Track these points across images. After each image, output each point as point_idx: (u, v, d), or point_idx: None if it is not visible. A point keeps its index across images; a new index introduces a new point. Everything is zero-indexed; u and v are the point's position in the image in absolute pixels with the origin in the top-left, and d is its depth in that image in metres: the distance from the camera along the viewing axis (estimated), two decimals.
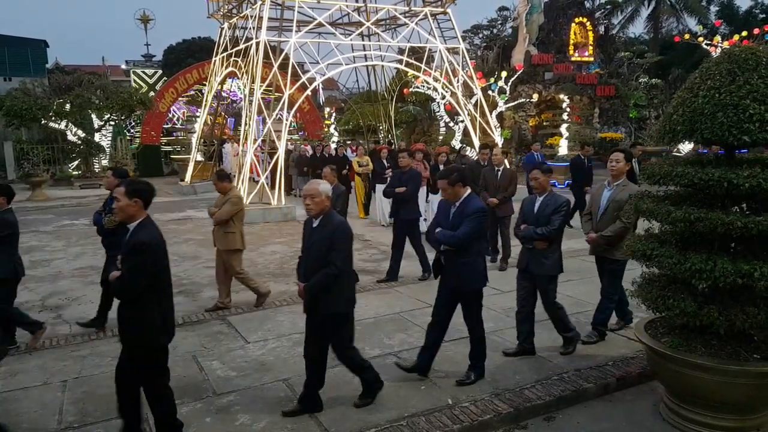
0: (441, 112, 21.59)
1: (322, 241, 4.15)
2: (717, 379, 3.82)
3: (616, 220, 5.31)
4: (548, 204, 5.15)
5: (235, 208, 6.65)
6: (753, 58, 3.78)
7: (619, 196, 5.35)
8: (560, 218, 5.05)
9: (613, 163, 5.49)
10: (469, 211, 4.56)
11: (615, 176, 5.51)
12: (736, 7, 38.37)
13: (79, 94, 20.61)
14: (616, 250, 5.38)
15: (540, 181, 5.22)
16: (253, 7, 15.94)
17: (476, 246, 4.66)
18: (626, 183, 5.46)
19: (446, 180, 4.64)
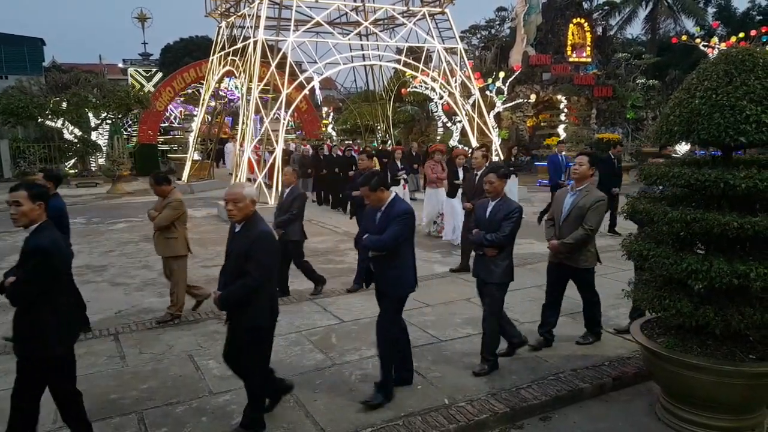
0: (439, 112, 21.61)
1: (240, 249, 3.87)
2: (712, 380, 3.83)
3: (578, 227, 5.13)
4: (500, 209, 4.88)
5: (175, 212, 6.26)
6: (750, 59, 3.79)
7: (582, 201, 5.16)
8: (510, 224, 4.78)
9: (576, 166, 5.30)
10: (394, 214, 4.35)
11: (578, 180, 5.30)
12: (734, 8, 38.48)
13: (76, 92, 20.55)
14: (581, 258, 5.23)
15: (494, 185, 4.93)
16: (251, 6, 15.92)
17: (405, 250, 4.42)
18: (590, 188, 5.25)
19: (367, 186, 4.41)
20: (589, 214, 5.09)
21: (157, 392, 4.64)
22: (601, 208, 5.15)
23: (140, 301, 7.23)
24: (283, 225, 7.02)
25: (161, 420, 4.20)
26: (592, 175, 5.35)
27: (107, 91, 21.27)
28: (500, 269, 4.87)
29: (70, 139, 21.91)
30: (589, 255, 5.28)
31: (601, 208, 5.15)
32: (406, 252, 4.45)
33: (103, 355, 5.47)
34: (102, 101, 21.00)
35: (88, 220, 13.52)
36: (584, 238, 5.12)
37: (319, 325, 6.20)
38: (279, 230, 6.92)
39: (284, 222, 7.03)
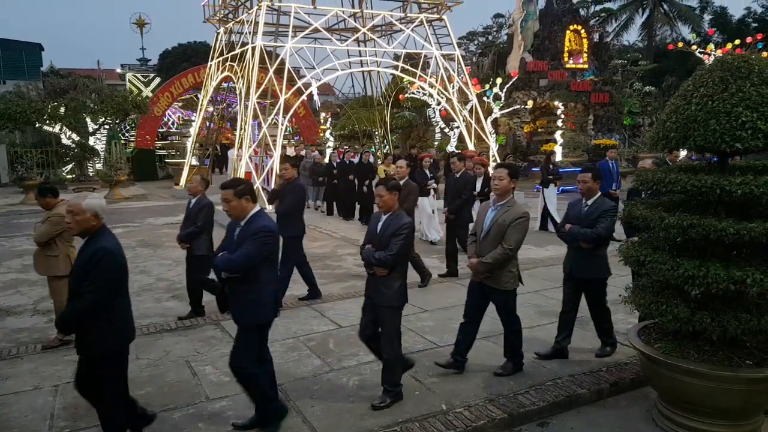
0: (436, 117, 21.67)
1: (79, 268, 3.58)
2: (709, 385, 3.83)
3: (498, 245, 4.69)
4: (389, 225, 4.40)
5: (54, 228, 5.66)
6: (746, 66, 3.81)
7: (503, 217, 4.72)
8: (399, 242, 4.30)
9: (497, 181, 4.82)
10: (251, 232, 3.85)
11: (499, 195, 4.84)
12: (730, 15, 38.73)
13: (74, 97, 20.55)
14: (502, 279, 4.78)
15: (384, 200, 4.44)
16: (249, 12, 15.97)
17: (264, 273, 3.90)
18: (512, 203, 4.80)
19: (231, 190, 3.88)
20: (509, 231, 4.66)
21: (153, 398, 4.62)
22: (522, 225, 4.69)
23: (137, 307, 7.15)
24: (187, 239, 6.56)
25: (158, 426, 4.19)
26: (514, 188, 4.91)
27: (105, 96, 21.28)
28: (391, 291, 4.38)
29: (67, 144, 21.90)
30: (510, 276, 4.81)
31: (522, 226, 4.69)
32: (265, 275, 3.92)
33: None
34: (100, 106, 21.00)
35: None
36: (503, 258, 4.66)
37: (317, 331, 6.19)
38: (183, 244, 6.61)
39: (188, 235, 6.54)
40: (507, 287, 4.82)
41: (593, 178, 5.22)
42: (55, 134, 21.87)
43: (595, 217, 5.09)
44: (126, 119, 24.37)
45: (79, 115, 21.24)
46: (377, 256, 4.34)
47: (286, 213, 7.05)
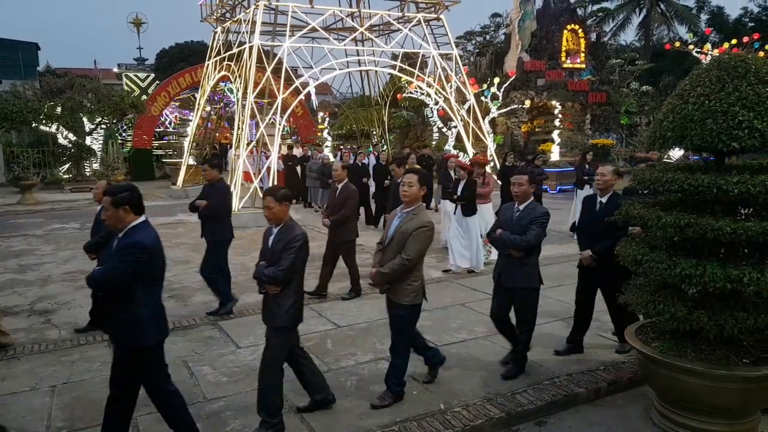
0: (434, 117, 21.67)
1: None
2: (707, 384, 3.84)
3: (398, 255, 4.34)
4: (281, 238, 4.04)
5: None
6: (742, 65, 3.82)
7: (406, 226, 4.38)
8: (290, 256, 3.94)
9: (405, 187, 4.47)
10: (120, 246, 3.56)
11: (407, 202, 4.50)
12: (726, 15, 38.80)
13: (71, 97, 20.49)
14: (402, 292, 4.38)
15: (274, 211, 4.07)
16: (247, 12, 15.95)
17: (138, 293, 3.54)
18: (418, 211, 4.44)
19: (110, 198, 3.59)
20: (410, 241, 4.29)
21: None
22: (423, 235, 4.32)
23: None
24: (90, 248, 6.07)
25: (155, 426, 4.18)
26: (424, 194, 4.61)
27: (102, 95, 21.22)
28: (282, 310, 4.01)
29: (64, 143, 21.85)
30: (411, 289, 4.40)
31: (423, 236, 4.32)
32: (141, 294, 3.56)
33: (97, 360, 5.44)
34: (97, 106, 20.95)
35: (82, 225, 13.46)
36: (401, 268, 4.29)
37: (315, 331, 6.19)
38: (91, 255, 6.05)
39: (92, 245, 6.05)
40: (406, 302, 4.39)
41: (529, 181, 4.92)
42: (52, 134, 21.82)
43: (525, 223, 4.78)
44: (123, 119, 24.32)
45: (76, 114, 21.19)
46: (267, 272, 3.98)
47: (210, 216, 6.64)
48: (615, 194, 5.21)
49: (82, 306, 7.25)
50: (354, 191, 7.35)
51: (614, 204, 4.99)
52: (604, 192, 5.24)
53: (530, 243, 4.72)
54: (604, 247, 4.94)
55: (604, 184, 5.22)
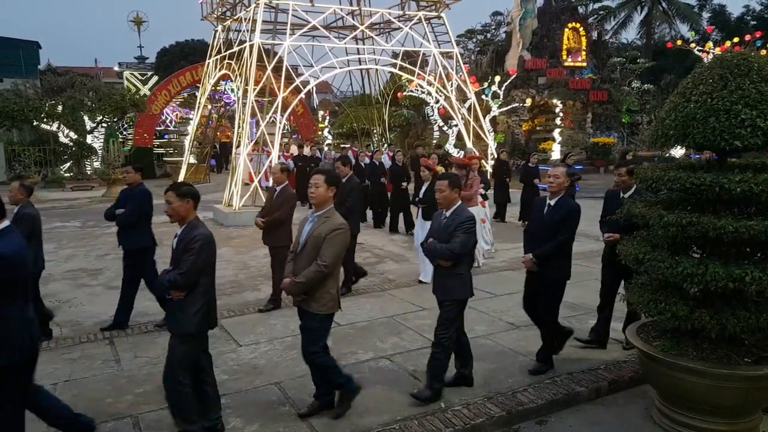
0: (435, 116, 21.64)
1: None
2: (708, 383, 3.83)
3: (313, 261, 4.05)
4: (182, 239, 3.80)
5: None
6: (745, 63, 3.81)
7: (319, 230, 4.09)
8: (190, 259, 3.67)
9: (313, 188, 4.19)
10: None
11: (317, 205, 4.22)
12: (728, 13, 38.80)
13: (72, 95, 20.50)
14: (318, 301, 4.08)
15: (174, 207, 3.79)
16: (247, 10, 15.93)
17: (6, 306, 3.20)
18: (330, 213, 4.16)
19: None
20: (324, 245, 4.01)
21: (152, 396, 4.61)
22: (338, 238, 4.06)
23: (135, 305, 7.20)
24: None
25: (156, 424, 4.18)
26: (332, 197, 4.28)
27: (103, 94, 21.23)
28: (186, 316, 3.77)
29: (65, 142, 21.86)
30: (327, 298, 4.11)
31: (338, 239, 4.06)
32: (7, 310, 3.22)
33: (98, 359, 5.45)
34: (97, 104, 20.96)
35: (84, 224, 13.47)
36: (317, 276, 4.00)
37: None
38: None
39: None
40: (321, 311, 4.10)
41: (450, 185, 4.50)
42: (53, 132, 21.83)
43: (451, 230, 4.41)
44: (124, 117, 24.33)
45: (77, 113, 21.20)
46: (167, 277, 3.72)
47: (127, 223, 6.24)
48: (565, 197, 4.93)
49: (84, 304, 7.26)
50: (292, 195, 7.02)
51: (562, 207, 4.82)
52: (554, 194, 4.92)
53: (455, 252, 4.33)
54: (546, 250, 4.79)
55: (558, 187, 4.90)
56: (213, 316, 3.94)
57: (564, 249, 4.87)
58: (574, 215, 4.85)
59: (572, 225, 4.86)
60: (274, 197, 6.91)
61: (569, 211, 4.83)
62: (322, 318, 4.14)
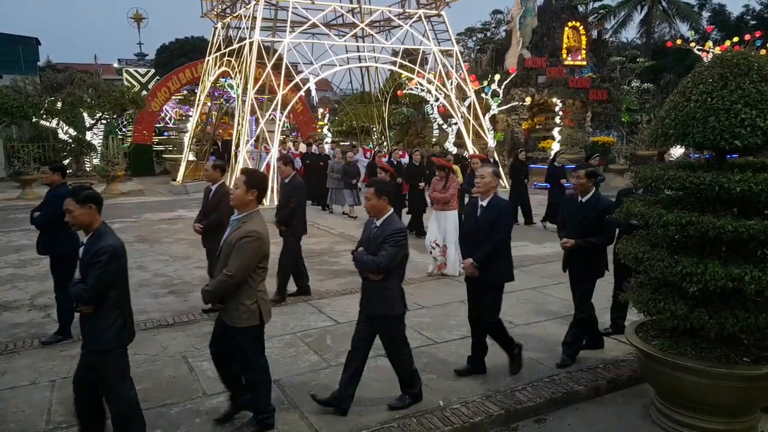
0: (434, 114, 21.64)
1: None
2: (707, 382, 3.84)
3: None
4: (88, 250, 3.55)
5: None
6: (745, 63, 3.81)
7: (233, 236, 3.86)
8: (96, 273, 3.42)
9: (232, 189, 4.06)
10: None
11: (235, 207, 4.00)
12: (728, 13, 38.77)
13: (71, 92, 20.47)
14: (233, 313, 3.85)
15: (74, 215, 3.52)
16: (247, 7, 15.91)
17: None
18: (248, 218, 3.89)
19: None
20: (233, 254, 3.77)
21: (151, 393, 4.61)
22: (247, 246, 3.76)
23: (134, 302, 7.14)
24: None
25: (155, 421, 4.18)
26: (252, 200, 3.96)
27: (102, 91, 21.20)
28: (98, 332, 3.51)
29: (64, 139, 21.84)
30: (242, 310, 3.84)
31: (246, 247, 3.76)
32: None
33: None
34: (97, 101, 20.94)
35: None
36: (223, 286, 3.78)
37: (314, 327, 6.19)
38: None
39: None
40: (238, 324, 3.84)
41: (376, 193, 4.19)
42: (52, 129, 21.82)
43: (380, 241, 4.13)
44: (123, 114, 24.30)
45: (76, 109, 21.19)
46: (75, 290, 3.48)
47: (44, 225, 5.77)
48: (496, 197, 4.80)
49: None
50: (227, 193, 6.43)
51: (493, 207, 4.73)
52: (485, 195, 4.80)
53: (381, 265, 4.05)
54: (484, 252, 4.65)
55: (484, 187, 4.77)
56: (129, 330, 3.67)
57: (502, 249, 4.76)
58: (506, 214, 4.81)
59: (505, 224, 4.77)
60: (209, 197, 6.42)
61: (501, 210, 4.76)
62: (239, 332, 3.86)
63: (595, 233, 4.96)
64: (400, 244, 4.11)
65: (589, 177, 5.07)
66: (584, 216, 5.03)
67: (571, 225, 5.14)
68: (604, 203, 5.05)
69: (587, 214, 5.02)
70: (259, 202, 3.98)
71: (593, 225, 4.97)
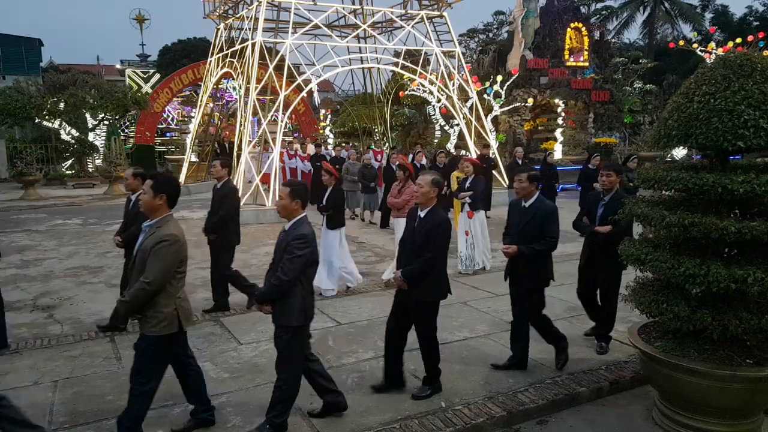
0: (436, 115, 21.62)
1: None
2: (709, 384, 3.83)
3: None
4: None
5: None
6: (748, 64, 3.80)
7: (147, 242, 3.68)
8: None
9: (142, 195, 3.85)
10: None
11: (145, 212, 3.81)
12: (731, 14, 38.71)
13: (74, 93, 20.49)
14: (148, 321, 3.68)
15: None
16: (249, 8, 15.93)
17: None
18: (162, 223, 3.72)
19: None
20: (149, 260, 3.58)
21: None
22: (163, 251, 3.59)
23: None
24: None
25: (157, 421, 4.19)
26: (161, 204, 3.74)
27: (105, 92, 21.22)
28: None
29: (67, 139, 21.87)
30: (157, 318, 3.66)
31: (162, 252, 3.59)
32: None
33: (99, 356, 5.45)
34: (99, 102, 20.96)
35: (85, 221, 13.49)
36: (142, 294, 3.57)
37: (316, 328, 6.16)
38: None
39: None
40: (151, 332, 3.68)
41: (291, 194, 3.98)
42: (55, 130, 21.84)
43: (283, 247, 3.94)
44: (125, 115, 24.33)
45: (79, 110, 21.20)
46: None
47: None
48: (435, 208, 4.47)
49: (85, 301, 7.27)
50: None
51: (429, 221, 4.39)
52: (423, 206, 4.48)
53: (282, 279, 3.83)
54: (413, 269, 4.35)
55: (422, 198, 4.47)
56: None
57: (436, 266, 4.39)
58: (439, 229, 4.36)
59: (440, 240, 4.35)
60: (130, 207, 6.07)
61: (436, 225, 4.35)
62: (150, 340, 3.69)
63: (538, 239, 4.77)
64: (299, 255, 3.81)
65: (531, 181, 4.87)
66: (527, 221, 4.85)
67: (515, 230, 4.97)
68: (547, 208, 4.85)
69: (530, 219, 4.83)
70: (171, 206, 3.80)
71: (537, 231, 4.78)
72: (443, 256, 4.47)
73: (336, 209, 7.42)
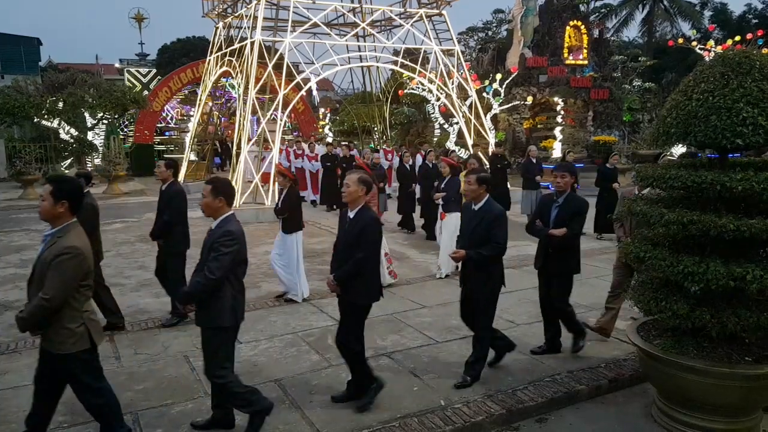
0: (436, 113, 21.62)
1: None
2: (708, 382, 3.83)
3: None
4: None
5: None
6: (747, 61, 3.80)
7: (47, 253, 3.39)
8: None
9: (41, 201, 3.52)
10: None
11: (47, 220, 3.49)
12: (730, 12, 38.75)
13: (72, 92, 20.46)
14: (55, 338, 3.40)
15: None
16: (248, 7, 15.91)
17: None
18: (63, 232, 3.43)
19: None
20: (49, 274, 3.29)
21: (152, 393, 4.62)
22: (63, 264, 3.29)
23: (136, 302, 7.21)
24: None
25: (156, 421, 4.19)
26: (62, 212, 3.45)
27: (104, 91, 21.19)
28: None
29: (66, 139, 21.84)
30: (66, 334, 3.40)
31: (63, 265, 3.29)
32: None
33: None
34: (98, 101, 20.93)
35: (84, 220, 13.46)
36: (40, 312, 3.30)
37: (315, 327, 6.19)
38: None
39: None
40: (61, 350, 3.38)
41: (213, 192, 3.92)
42: (54, 129, 21.81)
43: (209, 245, 3.85)
44: (124, 114, 24.30)
45: (78, 109, 21.17)
46: None
47: None
48: (364, 209, 4.31)
49: None
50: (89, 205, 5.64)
51: (358, 222, 4.25)
52: (351, 206, 4.33)
53: (209, 278, 3.71)
54: (344, 272, 4.24)
55: (349, 197, 4.29)
56: None
57: (366, 268, 4.26)
58: (369, 229, 4.22)
59: (368, 241, 4.22)
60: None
61: (365, 225, 4.22)
62: (62, 358, 3.40)
63: (487, 243, 4.65)
64: (225, 253, 3.71)
65: (480, 183, 4.73)
66: (476, 225, 4.73)
67: (465, 234, 4.85)
68: (496, 212, 4.71)
69: (478, 222, 4.72)
70: (73, 213, 3.50)
71: (485, 235, 4.65)
72: (374, 257, 4.35)
73: (291, 212, 7.10)
